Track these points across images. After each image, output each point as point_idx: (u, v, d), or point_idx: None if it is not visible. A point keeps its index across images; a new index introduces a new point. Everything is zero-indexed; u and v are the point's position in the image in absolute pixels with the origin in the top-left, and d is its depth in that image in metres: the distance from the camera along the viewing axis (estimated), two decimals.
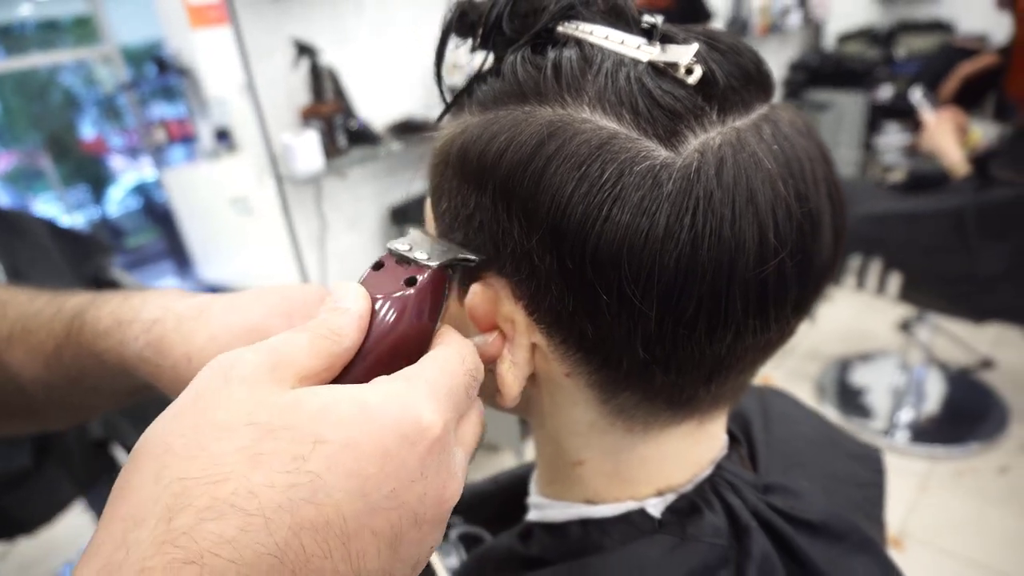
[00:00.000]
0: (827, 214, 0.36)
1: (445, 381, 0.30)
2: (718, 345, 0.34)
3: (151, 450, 0.26)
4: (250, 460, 0.25)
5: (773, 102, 0.37)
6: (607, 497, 0.43)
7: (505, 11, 0.37)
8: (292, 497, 0.25)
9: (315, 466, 0.25)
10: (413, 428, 0.27)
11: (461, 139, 0.37)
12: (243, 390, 0.27)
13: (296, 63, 1.72)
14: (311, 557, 0.24)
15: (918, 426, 2.34)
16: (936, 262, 1.89)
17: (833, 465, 0.55)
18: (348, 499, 0.25)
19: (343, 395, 0.28)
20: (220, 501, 0.24)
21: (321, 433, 0.26)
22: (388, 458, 0.26)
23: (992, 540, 1.88)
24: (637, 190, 0.31)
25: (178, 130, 5.03)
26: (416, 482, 0.27)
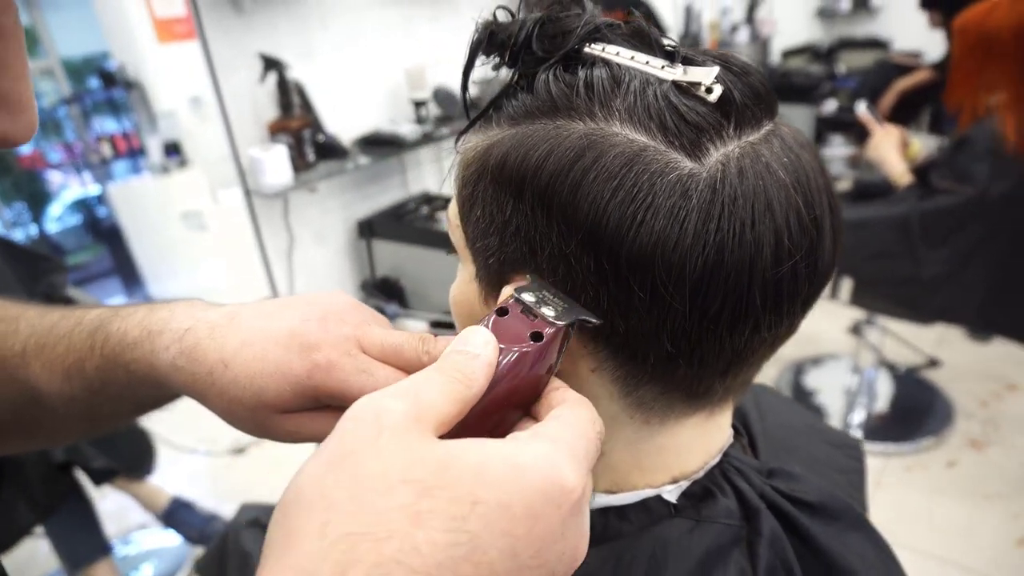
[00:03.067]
0: (828, 220, 0.39)
1: (583, 445, 0.32)
2: (738, 338, 0.38)
3: (312, 500, 0.27)
4: (412, 518, 0.26)
5: (776, 119, 0.41)
6: (625, 486, 0.45)
7: (534, 32, 0.40)
8: (453, 555, 0.26)
9: (473, 526, 0.27)
10: (559, 491, 0.29)
11: (497, 150, 0.40)
12: (394, 442, 0.28)
13: (263, 78, 1.72)
14: None
15: (870, 425, 2.44)
16: (883, 267, 1.98)
17: (819, 452, 0.59)
18: (500, 558, 0.27)
19: (495, 454, 0.29)
20: (387, 558, 0.25)
21: (478, 494, 0.27)
22: (536, 520, 0.28)
23: (943, 531, 1.98)
24: (668, 198, 0.35)
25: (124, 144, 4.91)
26: (557, 543, 0.29)
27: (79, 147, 5.14)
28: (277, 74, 1.74)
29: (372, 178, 2.16)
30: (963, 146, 1.85)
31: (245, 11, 1.69)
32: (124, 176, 4.91)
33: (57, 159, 5.43)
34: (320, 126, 1.89)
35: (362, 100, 2.07)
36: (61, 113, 5.10)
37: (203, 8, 1.58)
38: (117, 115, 4.93)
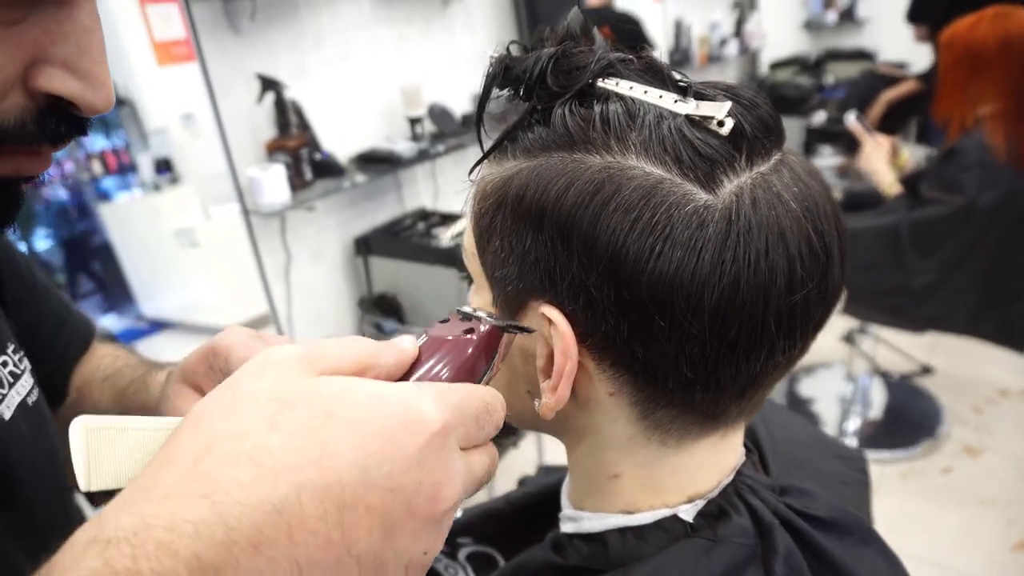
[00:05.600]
0: (836, 245, 0.41)
1: (455, 397, 0.33)
2: (754, 363, 0.39)
3: (193, 417, 0.31)
4: (271, 425, 0.29)
5: (784, 148, 0.42)
6: (642, 506, 0.47)
7: (549, 67, 0.41)
8: (302, 458, 0.28)
9: (325, 435, 0.29)
10: (415, 418, 0.30)
11: (516, 183, 0.41)
12: (274, 372, 0.32)
13: (260, 97, 1.73)
14: (307, 516, 0.27)
15: (865, 433, 2.46)
16: (873, 277, 2.00)
17: (824, 466, 0.61)
18: (349, 468, 0.28)
19: (360, 383, 0.32)
20: (239, 453, 0.28)
21: (334, 410, 0.30)
22: (389, 439, 0.29)
23: (938, 537, 1.99)
24: (685, 229, 0.36)
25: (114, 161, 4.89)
26: (412, 469, 0.30)
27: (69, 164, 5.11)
28: (275, 94, 1.75)
29: (368, 195, 2.17)
30: (952, 157, 1.88)
31: (243, 32, 1.70)
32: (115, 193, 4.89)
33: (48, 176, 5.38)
34: (317, 145, 1.90)
35: (358, 118, 2.08)
36: None
37: (201, 30, 1.60)
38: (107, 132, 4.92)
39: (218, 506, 0.26)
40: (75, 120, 0.39)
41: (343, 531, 0.28)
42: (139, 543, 0.25)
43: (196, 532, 0.26)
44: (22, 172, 0.40)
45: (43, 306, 0.67)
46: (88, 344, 0.71)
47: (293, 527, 0.27)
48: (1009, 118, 1.77)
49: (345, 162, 1.99)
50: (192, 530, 0.26)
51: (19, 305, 0.63)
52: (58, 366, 0.68)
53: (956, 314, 1.97)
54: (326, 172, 1.89)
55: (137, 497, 0.27)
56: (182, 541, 0.26)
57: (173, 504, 0.27)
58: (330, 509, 0.28)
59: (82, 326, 0.71)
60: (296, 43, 1.86)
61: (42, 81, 0.36)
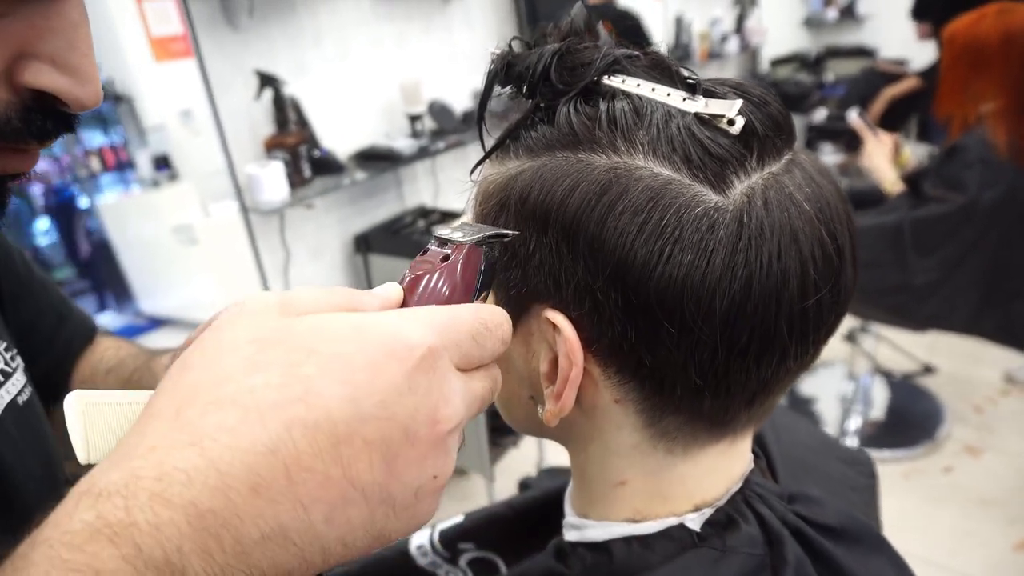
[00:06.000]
0: (849, 248, 0.40)
1: (443, 318, 0.32)
2: (765, 369, 0.38)
3: (171, 373, 0.30)
4: (251, 367, 0.28)
5: (795, 147, 0.41)
6: (648, 514, 0.45)
7: (552, 63, 0.40)
8: (285, 396, 0.27)
9: (308, 371, 0.28)
10: (401, 345, 0.29)
11: (519, 183, 0.40)
12: (251, 318, 0.30)
13: (259, 94, 1.72)
14: (302, 454, 0.26)
15: (866, 432, 2.45)
16: (875, 276, 1.99)
17: (832, 471, 0.60)
18: (338, 403, 0.27)
19: (337, 316, 0.31)
20: (222, 398, 0.27)
21: (314, 345, 0.29)
22: (376, 369, 0.28)
23: (940, 537, 1.99)
24: (695, 232, 0.35)
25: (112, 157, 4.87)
26: (404, 396, 0.29)
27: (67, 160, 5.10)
28: (273, 91, 1.73)
29: (368, 193, 2.15)
30: (954, 154, 1.87)
31: (241, 28, 1.69)
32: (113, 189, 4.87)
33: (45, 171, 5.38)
34: (316, 142, 1.88)
35: (357, 115, 2.07)
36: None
37: (199, 26, 1.58)
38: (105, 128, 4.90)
39: (208, 452, 0.26)
40: (62, 116, 0.38)
41: (342, 466, 0.27)
42: (130, 494, 0.25)
43: (188, 480, 0.25)
44: (8, 170, 0.39)
45: (41, 303, 0.66)
46: (89, 340, 0.71)
47: (289, 466, 0.26)
48: (1011, 115, 1.76)
49: (344, 159, 1.98)
50: (184, 478, 0.25)
51: (16, 302, 0.63)
52: (58, 363, 0.67)
53: (957, 313, 1.96)
54: (325, 169, 1.88)
55: (123, 455, 0.27)
56: (174, 489, 0.25)
57: (160, 455, 0.26)
58: (324, 446, 0.27)
59: (83, 322, 0.71)
60: (295, 40, 1.85)
61: (28, 76, 0.35)
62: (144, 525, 0.24)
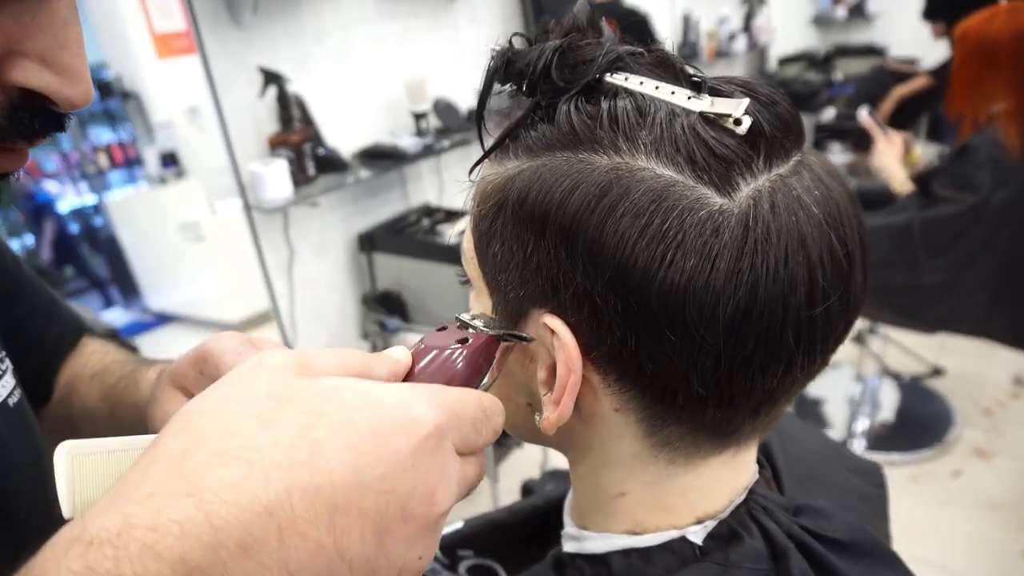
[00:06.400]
0: (859, 253, 0.38)
1: (450, 400, 0.32)
2: (770, 379, 0.37)
3: (181, 416, 0.30)
4: (260, 423, 0.28)
5: (804, 149, 0.39)
6: (648, 526, 0.44)
7: (554, 60, 0.39)
8: (292, 458, 0.27)
9: (317, 434, 0.28)
10: (408, 419, 0.29)
11: (518, 184, 0.38)
12: (269, 373, 0.30)
13: (263, 91, 1.71)
14: (298, 518, 0.26)
15: (874, 434, 2.43)
16: (884, 277, 1.97)
17: (842, 481, 0.58)
18: (341, 470, 0.27)
19: (352, 383, 0.31)
20: (229, 451, 0.27)
21: (326, 409, 0.29)
22: (382, 440, 0.28)
23: (949, 541, 1.97)
24: (699, 236, 0.33)
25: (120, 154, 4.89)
26: (407, 471, 0.29)
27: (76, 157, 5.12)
28: (277, 88, 1.72)
29: (372, 191, 2.14)
30: (965, 154, 1.85)
31: (244, 25, 1.68)
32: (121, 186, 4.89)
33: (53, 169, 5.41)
34: (320, 140, 1.87)
35: (362, 113, 2.06)
36: None
37: (202, 22, 1.57)
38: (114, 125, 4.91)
39: (205, 505, 0.25)
40: (52, 116, 0.37)
41: (335, 536, 0.27)
42: (122, 544, 0.24)
43: (182, 532, 0.25)
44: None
45: (32, 301, 0.65)
46: (77, 340, 0.70)
47: (283, 529, 0.26)
48: (1022, 115, 1.74)
49: (349, 157, 1.97)
50: (178, 530, 0.25)
51: (7, 300, 0.62)
52: (46, 362, 0.67)
53: (967, 314, 1.94)
54: (329, 167, 1.87)
55: (121, 497, 0.26)
56: (166, 542, 0.24)
57: (158, 503, 0.25)
58: (321, 512, 0.27)
59: (71, 322, 0.70)
60: (299, 37, 1.84)
61: (17, 75, 0.35)
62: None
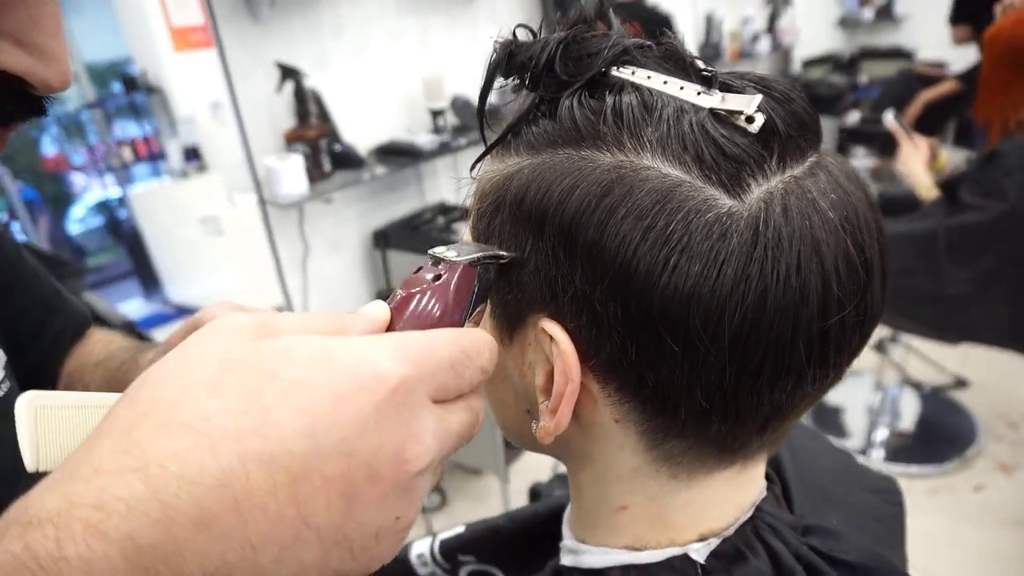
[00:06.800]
0: (878, 261, 0.36)
1: (420, 345, 0.29)
2: (779, 393, 0.34)
3: (134, 386, 0.28)
4: (211, 389, 0.26)
5: (821, 149, 0.37)
6: (649, 542, 0.42)
7: (557, 53, 0.37)
8: (241, 426, 0.25)
9: (268, 400, 0.26)
10: (369, 376, 0.27)
11: (516, 182, 0.36)
12: (224, 336, 0.29)
13: (280, 86, 1.71)
14: (255, 489, 0.25)
15: (893, 445, 2.38)
16: (906, 285, 1.93)
17: (857, 499, 0.56)
18: (296, 436, 0.25)
19: (307, 340, 0.28)
20: (175, 421, 0.25)
21: (279, 370, 0.27)
22: (340, 401, 0.26)
23: (968, 558, 1.92)
24: (705, 240, 0.31)
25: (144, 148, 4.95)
26: (370, 431, 0.27)
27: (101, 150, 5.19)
28: (294, 83, 1.72)
29: (388, 188, 2.14)
30: (993, 160, 1.80)
31: (262, 19, 1.67)
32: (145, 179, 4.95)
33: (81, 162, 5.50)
34: (337, 135, 1.87)
35: (379, 109, 2.05)
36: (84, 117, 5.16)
37: (220, 16, 1.57)
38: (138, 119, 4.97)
39: (152, 480, 0.24)
40: (30, 99, 0.36)
41: (297, 505, 0.25)
42: (63, 524, 0.23)
43: (128, 510, 0.23)
44: None
45: (33, 293, 0.65)
46: (81, 332, 0.69)
47: (240, 501, 0.24)
48: None
49: (365, 154, 1.96)
50: (124, 508, 0.23)
51: (6, 292, 0.61)
52: (48, 354, 0.66)
53: (992, 326, 1.89)
54: (345, 163, 1.86)
55: (65, 475, 0.25)
56: (112, 521, 0.23)
57: (103, 480, 0.24)
58: (280, 481, 0.25)
59: (75, 314, 0.69)
60: (317, 32, 1.83)
61: None
62: (75, 560, 0.22)
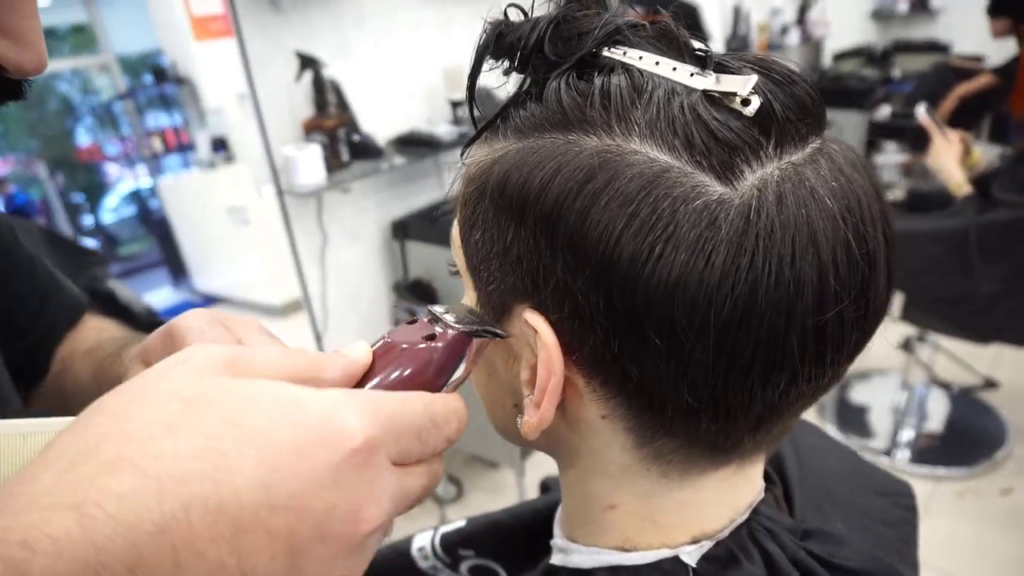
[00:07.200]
0: (883, 254, 0.34)
1: (390, 408, 0.29)
2: (771, 392, 0.33)
3: (86, 413, 0.27)
4: (167, 428, 0.25)
5: (825, 134, 0.35)
6: (639, 543, 0.41)
7: (547, 33, 0.35)
8: (193, 469, 0.24)
9: (225, 445, 0.25)
10: (335, 433, 0.26)
11: (499, 167, 0.35)
12: (190, 372, 0.28)
13: (299, 76, 1.71)
14: (196, 537, 0.24)
15: (919, 446, 2.33)
16: (935, 283, 1.89)
17: (864, 502, 0.53)
18: (248, 486, 0.25)
19: (275, 388, 0.28)
20: (122, 458, 0.24)
21: (240, 418, 0.26)
22: (299, 455, 0.26)
23: (994, 564, 1.87)
24: (692, 228, 0.30)
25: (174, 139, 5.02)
26: (325, 489, 0.26)
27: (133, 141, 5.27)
28: (313, 72, 1.72)
29: (407, 179, 2.13)
30: None
31: (283, 9, 1.67)
32: (175, 170, 5.02)
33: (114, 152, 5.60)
34: (355, 125, 1.87)
35: (398, 100, 2.04)
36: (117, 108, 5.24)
37: (240, 5, 1.57)
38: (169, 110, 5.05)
39: (87, 520, 0.23)
40: (6, 83, 0.35)
41: (239, 556, 0.25)
42: None
43: (56, 551, 0.22)
44: None
45: (29, 278, 0.65)
46: (76, 318, 0.69)
47: (179, 549, 0.23)
48: None
49: (384, 144, 1.95)
50: (51, 548, 0.22)
51: (2, 277, 0.61)
52: (42, 340, 0.66)
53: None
54: (364, 153, 1.86)
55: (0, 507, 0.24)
56: (38, 561, 0.22)
57: (35, 515, 0.23)
58: (223, 531, 0.24)
59: (70, 300, 0.69)
60: (339, 21, 1.83)
61: None
62: None
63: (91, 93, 5.51)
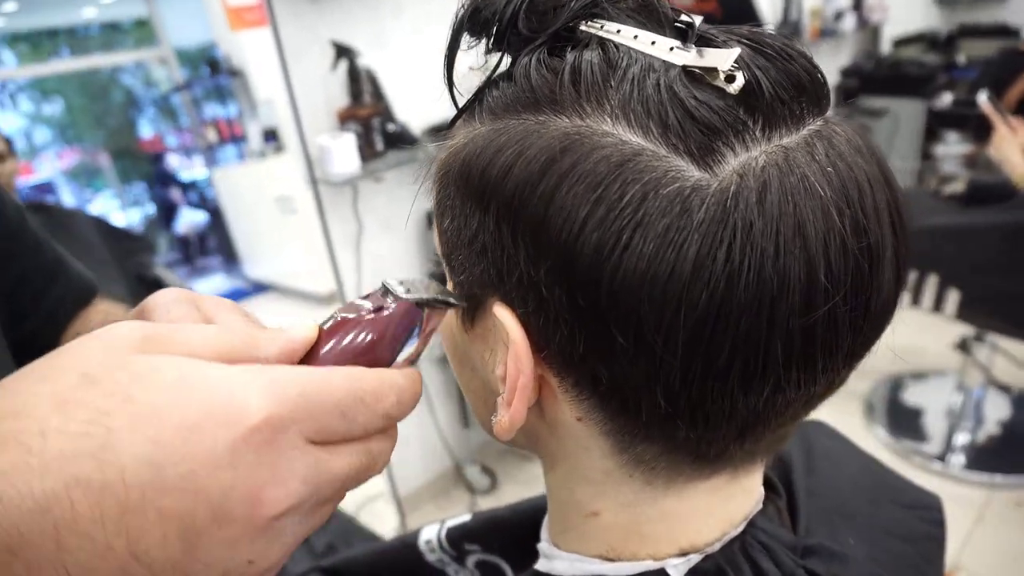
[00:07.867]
0: (889, 248, 0.30)
1: (304, 383, 0.27)
2: (754, 398, 0.30)
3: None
4: (58, 404, 0.24)
5: (828, 116, 0.32)
6: (623, 553, 0.38)
7: (522, 8, 0.33)
8: (78, 447, 0.23)
9: (115, 423, 0.24)
10: (231, 409, 0.25)
11: (467, 151, 0.33)
12: (98, 347, 0.27)
13: (334, 65, 1.71)
14: (80, 517, 0.23)
15: (975, 451, 2.22)
16: (995, 281, 1.79)
17: (883, 515, 0.49)
18: (135, 465, 0.24)
19: (181, 364, 0.26)
20: (8, 434, 0.24)
21: (134, 393, 0.25)
22: (193, 433, 0.24)
23: None
24: (663, 216, 0.27)
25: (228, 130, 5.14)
26: (221, 469, 0.25)
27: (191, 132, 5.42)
28: (348, 62, 1.72)
29: None
30: None
31: None
32: (229, 160, 5.15)
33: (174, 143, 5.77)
34: (391, 115, 1.86)
35: (434, 88, 2.02)
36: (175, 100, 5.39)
37: None
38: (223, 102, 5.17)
39: None
40: None
41: (127, 538, 0.24)
42: None
43: None
44: None
45: (34, 261, 0.64)
46: (84, 302, 0.69)
47: (60, 529, 0.23)
48: None
49: (419, 133, 1.95)
50: None
51: (6, 259, 0.61)
52: (46, 324, 0.66)
53: None
54: (399, 143, 1.85)
55: None
56: None
57: None
58: (108, 511, 0.23)
59: (78, 282, 0.69)
60: (375, 11, 1.82)
61: None
62: None
63: (152, 86, 5.68)
